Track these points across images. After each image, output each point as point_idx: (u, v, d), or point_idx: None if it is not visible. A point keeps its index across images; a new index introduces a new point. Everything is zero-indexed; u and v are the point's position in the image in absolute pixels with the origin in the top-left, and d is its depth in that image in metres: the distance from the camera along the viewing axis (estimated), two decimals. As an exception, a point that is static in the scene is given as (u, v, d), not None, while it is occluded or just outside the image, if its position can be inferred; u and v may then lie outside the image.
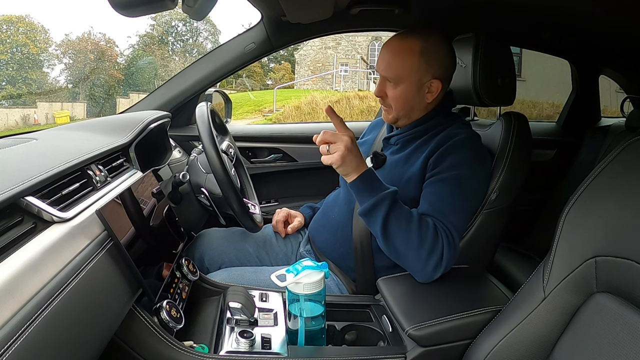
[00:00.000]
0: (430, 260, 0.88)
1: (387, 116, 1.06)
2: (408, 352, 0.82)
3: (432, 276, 0.90)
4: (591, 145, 1.85)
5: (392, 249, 0.91)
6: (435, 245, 0.88)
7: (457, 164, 0.95)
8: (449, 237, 0.90)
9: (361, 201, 0.91)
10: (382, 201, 0.89)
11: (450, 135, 0.99)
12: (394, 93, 1.01)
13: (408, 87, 1.00)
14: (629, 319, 0.61)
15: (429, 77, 0.99)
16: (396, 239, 0.89)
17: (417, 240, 0.88)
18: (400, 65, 0.98)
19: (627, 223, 0.64)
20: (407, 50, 0.98)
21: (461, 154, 0.96)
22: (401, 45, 1.00)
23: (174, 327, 0.75)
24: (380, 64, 1.01)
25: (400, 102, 1.01)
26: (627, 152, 0.69)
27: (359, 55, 20.96)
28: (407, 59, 0.98)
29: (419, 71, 0.99)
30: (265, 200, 1.72)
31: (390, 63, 1.00)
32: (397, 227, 0.89)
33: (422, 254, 0.88)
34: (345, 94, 14.59)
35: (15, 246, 0.52)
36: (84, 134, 0.94)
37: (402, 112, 1.03)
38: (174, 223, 0.98)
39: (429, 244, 0.88)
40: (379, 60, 1.02)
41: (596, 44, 1.60)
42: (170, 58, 26.76)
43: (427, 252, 0.88)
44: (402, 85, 1.00)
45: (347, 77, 20.33)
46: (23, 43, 21.04)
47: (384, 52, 1.02)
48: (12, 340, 0.44)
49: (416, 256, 0.89)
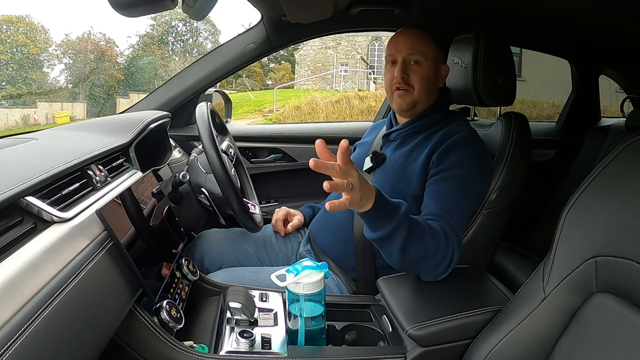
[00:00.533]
0: (442, 264, 0.88)
1: (404, 100, 1.05)
2: (408, 352, 0.82)
3: (442, 276, 0.90)
4: (591, 145, 1.85)
5: (407, 264, 0.88)
6: (447, 250, 0.88)
7: (459, 163, 0.96)
8: (458, 237, 0.90)
9: (376, 228, 0.81)
10: (400, 226, 0.81)
11: (452, 132, 1.00)
12: (419, 71, 1.04)
13: (431, 66, 1.05)
14: (629, 319, 0.61)
15: (442, 61, 1.09)
16: (413, 255, 0.85)
17: (433, 250, 0.86)
18: (424, 46, 1.04)
19: (627, 223, 0.64)
20: (425, 36, 1.06)
21: (463, 151, 0.97)
22: (418, 32, 1.07)
23: (174, 327, 0.75)
24: (402, 48, 1.04)
25: (424, 81, 1.04)
26: (627, 152, 0.69)
27: (359, 55, 20.97)
28: (428, 41, 1.05)
29: (436, 54, 1.06)
30: (265, 200, 1.72)
31: (414, 44, 1.04)
32: (415, 245, 0.83)
33: (436, 260, 0.87)
34: (345, 94, 14.59)
35: (15, 246, 0.52)
36: (84, 134, 0.94)
37: (423, 93, 1.05)
38: (174, 223, 0.98)
39: (443, 250, 0.87)
40: (398, 46, 1.05)
41: (596, 44, 1.60)
42: (170, 58, 26.76)
43: (441, 258, 0.87)
44: (426, 64, 1.04)
45: (347, 77, 20.33)
46: (23, 43, 21.04)
47: (403, 38, 1.06)
48: (12, 340, 0.44)
49: (431, 264, 0.88)
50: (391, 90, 1.07)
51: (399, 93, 1.05)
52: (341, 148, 0.70)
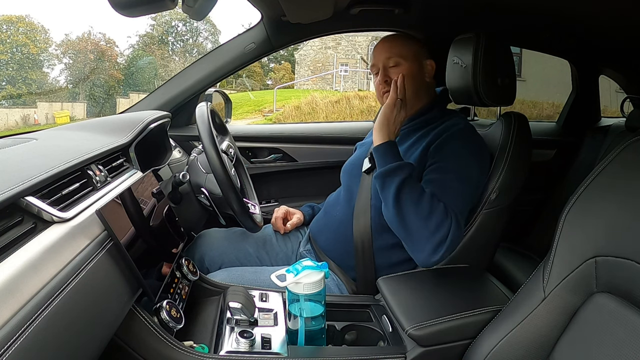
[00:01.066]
0: (436, 236, 0.87)
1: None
2: (408, 352, 0.82)
3: (432, 256, 0.88)
4: (591, 145, 1.85)
5: (400, 217, 0.90)
6: (443, 220, 0.88)
7: (455, 152, 0.97)
8: (458, 218, 0.90)
9: (382, 162, 0.94)
10: (402, 168, 0.92)
11: (449, 127, 1.02)
12: (399, 72, 1.05)
13: (412, 64, 1.06)
14: (629, 319, 0.61)
15: (424, 57, 1.10)
16: (407, 205, 0.89)
17: (427, 210, 0.88)
18: (400, 47, 1.08)
19: (627, 223, 0.64)
20: (400, 39, 1.11)
21: (460, 142, 0.98)
22: (393, 37, 1.11)
23: (174, 327, 0.75)
24: (380, 56, 1.08)
25: (408, 79, 1.04)
26: (627, 152, 0.69)
27: (359, 55, 20.96)
28: (403, 42, 1.09)
29: (415, 51, 1.09)
30: (265, 200, 1.72)
31: (389, 49, 1.08)
32: (410, 193, 0.90)
33: (429, 225, 0.87)
34: (345, 94, 14.58)
35: (15, 246, 0.52)
36: (84, 134, 0.94)
37: (410, 91, 1.05)
38: (174, 223, 0.98)
39: (438, 217, 0.88)
40: (376, 55, 1.09)
41: (596, 44, 1.60)
42: (170, 58, 26.75)
43: (435, 226, 0.87)
44: (405, 64, 1.06)
45: (347, 77, 20.32)
46: (23, 43, 21.03)
47: (379, 46, 1.10)
48: (12, 340, 0.44)
49: (423, 228, 0.88)
50: (381, 98, 1.09)
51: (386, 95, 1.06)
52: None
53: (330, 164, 1.66)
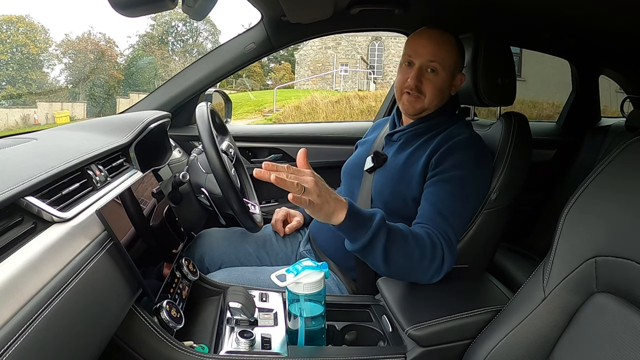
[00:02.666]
0: (431, 268, 0.87)
1: (412, 106, 1.04)
2: (408, 352, 0.82)
3: (435, 279, 0.89)
4: (591, 145, 1.85)
5: (394, 271, 0.88)
6: (434, 253, 0.87)
7: (458, 165, 0.95)
8: (448, 240, 0.89)
9: (354, 238, 0.81)
10: (378, 232, 0.81)
11: (452, 135, 1.00)
12: (434, 80, 1.02)
13: (447, 76, 1.03)
14: (629, 319, 0.61)
15: (458, 70, 1.06)
16: (398, 261, 0.85)
17: (418, 254, 0.86)
18: (445, 54, 1.01)
19: (627, 223, 0.64)
20: (449, 42, 1.03)
21: (462, 154, 0.96)
22: (442, 37, 1.02)
23: (174, 327, 0.75)
24: (422, 53, 1.01)
25: (437, 90, 1.02)
26: (627, 152, 0.69)
27: (359, 55, 20.97)
28: (450, 49, 1.02)
29: (456, 63, 1.04)
30: (265, 200, 1.71)
31: (436, 52, 1.01)
32: (397, 251, 0.83)
33: (424, 264, 0.87)
34: (345, 94, 14.60)
35: (15, 246, 0.52)
36: (84, 134, 0.94)
37: (435, 101, 1.03)
38: (174, 223, 0.98)
39: (429, 253, 0.87)
40: (418, 50, 1.01)
41: (596, 44, 1.60)
42: (170, 58, 26.75)
43: (429, 261, 0.87)
44: (443, 74, 1.02)
45: (347, 77, 20.34)
46: (23, 43, 21.03)
47: (424, 42, 1.02)
48: (12, 340, 0.44)
49: (419, 268, 0.87)
50: (401, 92, 1.05)
51: (409, 98, 1.04)
52: (300, 154, 0.77)
53: (330, 164, 1.66)
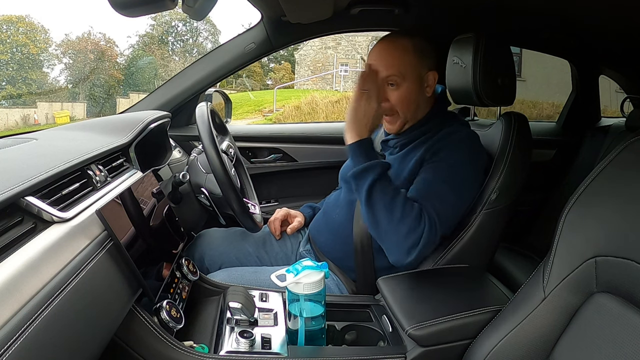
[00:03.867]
0: (409, 238, 0.87)
1: (392, 126, 1.04)
2: (408, 352, 0.82)
3: (406, 257, 0.89)
4: (591, 145, 1.85)
5: (373, 219, 0.90)
6: (416, 224, 0.87)
7: (450, 155, 0.95)
8: (432, 221, 0.89)
9: (355, 163, 0.92)
10: (373, 167, 0.90)
11: (448, 133, 1.00)
12: (398, 95, 0.99)
13: (411, 84, 0.99)
14: (629, 319, 0.61)
15: (425, 70, 1.02)
16: (378, 208, 0.89)
17: (399, 215, 0.87)
18: (400, 63, 0.98)
19: (627, 223, 0.64)
20: (402, 49, 0.99)
21: (456, 147, 0.97)
22: (395, 45, 1.00)
23: (174, 327, 0.75)
24: (378, 69, 0.98)
25: (406, 103, 1.00)
26: (627, 152, 0.68)
27: (359, 55, 20.96)
28: (405, 56, 0.99)
29: (417, 66, 1.00)
30: (265, 200, 1.72)
31: (388, 64, 0.98)
32: (381, 195, 0.89)
33: (401, 229, 0.87)
34: (345, 94, 14.58)
35: (15, 246, 0.52)
36: (84, 134, 0.94)
37: (409, 113, 1.02)
38: (174, 223, 0.98)
39: (411, 221, 0.87)
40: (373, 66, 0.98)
41: (596, 44, 1.60)
42: (170, 58, 26.74)
43: (407, 229, 0.87)
44: (405, 84, 0.99)
45: (347, 77, 20.32)
46: (23, 43, 21.02)
47: (374, 56, 1.00)
48: (12, 340, 0.44)
49: (395, 230, 0.88)
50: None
51: (386, 119, 1.04)
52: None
53: (330, 164, 1.66)
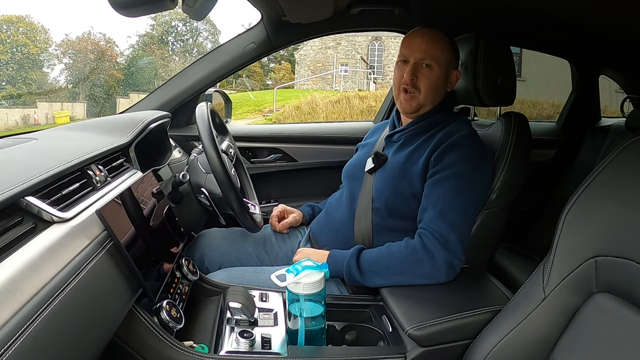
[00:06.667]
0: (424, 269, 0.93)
1: (409, 104, 1.06)
2: (408, 352, 0.82)
3: (442, 277, 0.94)
4: (591, 145, 1.85)
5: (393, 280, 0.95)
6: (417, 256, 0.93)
7: (458, 162, 0.96)
8: (441, 239, 0.92)
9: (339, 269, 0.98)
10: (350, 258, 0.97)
11: (452, 132, 1.00)
12: (429, 76, 1.03)
13: (442, 72, 1.04)
14: (629, 319, 0.61)
15: (453, 67, 1.07)
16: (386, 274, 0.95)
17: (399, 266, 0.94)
18: (438, 50, 1.03)
19: (627, 223, 0.64)
20: (442, 40, 1.05)
21: (462, 151, 0.97)
22: (436, 35, 1.05)
23: (174, 327, 0.75)
24: (416, 51, 1.03)
25: (432, 86, 1.04)
26: (627, 152, 0.68)
27: (359, 55, 20.96)
28: (443, 46, 1.04)
29: (449, 60, 1.05)
30: (265, 200, 1.72)
31: (428, 48, 1.03)
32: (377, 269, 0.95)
33: (416, 267, 0.93)
34: (345, 94, 14.58)
35: (15, 246, 0.52)
36: (84, 134, 0.94)
37: (430, 97, 1.05)
38: (174, 223, 0.98)
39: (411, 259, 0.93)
40: (412, 48, 1.04)
41: (596, 44, 1.60)
42: (170, 58, 26.75)
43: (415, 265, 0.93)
44: (437, 70, 1.03)
45: (347, 77, 20.33)
46: (23, 43, 21.02)
47: (418, 40, 1.04)
48: (12, 340, 0.44)
49: (415, 272, 0.94)
50: (398, 90, 1.07)
51: (405, 96, 1.05)
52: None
53: (330, 164, 1.66)
